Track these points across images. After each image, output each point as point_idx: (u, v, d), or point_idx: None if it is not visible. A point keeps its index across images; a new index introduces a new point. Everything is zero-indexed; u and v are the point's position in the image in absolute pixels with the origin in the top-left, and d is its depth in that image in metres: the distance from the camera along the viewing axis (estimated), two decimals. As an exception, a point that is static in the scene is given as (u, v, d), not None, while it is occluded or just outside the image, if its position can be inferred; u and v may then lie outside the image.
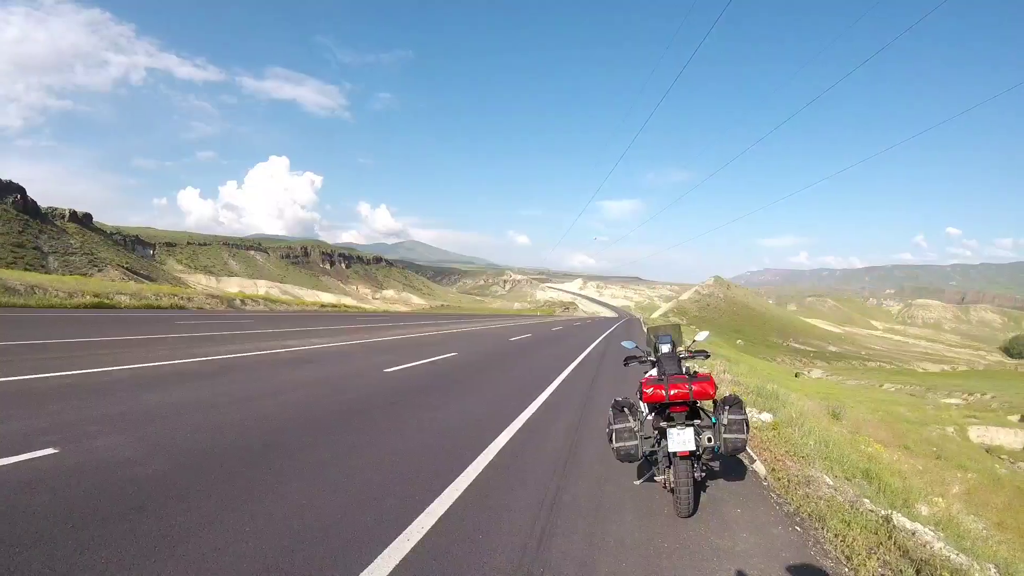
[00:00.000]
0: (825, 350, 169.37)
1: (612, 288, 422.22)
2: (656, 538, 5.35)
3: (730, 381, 18.32)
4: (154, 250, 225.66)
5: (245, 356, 15.01)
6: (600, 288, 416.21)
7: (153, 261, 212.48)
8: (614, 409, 5.99)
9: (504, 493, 6.11)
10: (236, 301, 45.03)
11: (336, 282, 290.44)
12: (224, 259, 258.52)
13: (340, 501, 5.46)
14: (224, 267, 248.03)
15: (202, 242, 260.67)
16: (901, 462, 17.82)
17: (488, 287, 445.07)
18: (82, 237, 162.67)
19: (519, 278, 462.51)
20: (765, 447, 9.37)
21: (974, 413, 46.07)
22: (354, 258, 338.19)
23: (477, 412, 10.26)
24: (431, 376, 14.22)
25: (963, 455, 27.00)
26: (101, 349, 14.16)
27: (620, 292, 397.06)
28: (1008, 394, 61.37)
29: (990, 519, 15.53)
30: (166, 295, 37.76)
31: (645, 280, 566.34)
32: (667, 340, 6.86)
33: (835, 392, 47.18)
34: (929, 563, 5.53)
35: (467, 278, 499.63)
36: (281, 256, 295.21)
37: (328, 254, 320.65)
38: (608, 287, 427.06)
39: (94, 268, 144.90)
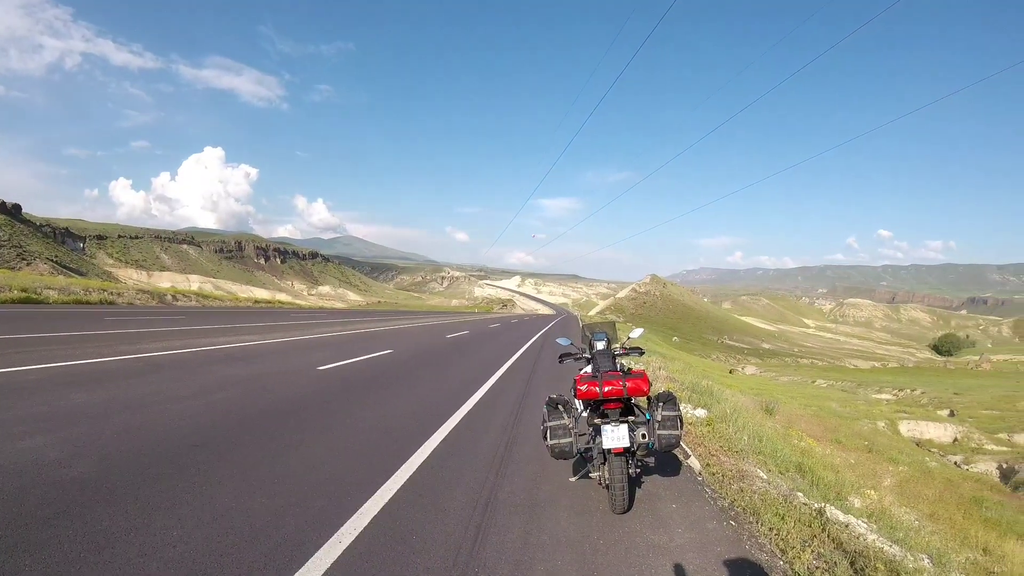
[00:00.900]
0: (759, 347, 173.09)
1: (550, 285, 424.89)
2: (592, 535, 5.38)
3: (665, 378, 18.51)
4: (84, 243, 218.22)
5: (175, 354, 14.54)
6: (538, 285, 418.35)
7: (83, 255, 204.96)
8: (548, 406, 5.99)
9: (439, 492, 6.08)
10: (168, 297, 44.01)
11: (271, 277, 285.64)
12: (156, 253, 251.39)
13: (271, 503, 5.35)
14: (156, 261, 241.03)
15: (134, 235, 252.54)
16: (834, 456, 18.25)
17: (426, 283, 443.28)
18: (11, 229, 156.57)
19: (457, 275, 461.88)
20: (700, 442, 9.47)
21: (904, 408, 47.61)
22: (289, 253, 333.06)
23: (412, 410, 10.21)
24: (366, 374, 14.09)
25: (894, 448, 27.85)
26: (27, 346, 13.57)
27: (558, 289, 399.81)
28: (937, 390, 63.61)
29: (922, 510, 15.99)
30: (96, 290, 36.76)
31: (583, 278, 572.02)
32: (602, 337, 6.91)
33: (769, 388, 48.26)
34: (863, 554, 5.64)
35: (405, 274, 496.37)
36: (215, 250, 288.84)
37: (263, 249, 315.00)
38: (546, 284, 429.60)
39: (23, 262, 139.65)
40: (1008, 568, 11.65)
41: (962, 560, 9.71)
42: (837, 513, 6.92)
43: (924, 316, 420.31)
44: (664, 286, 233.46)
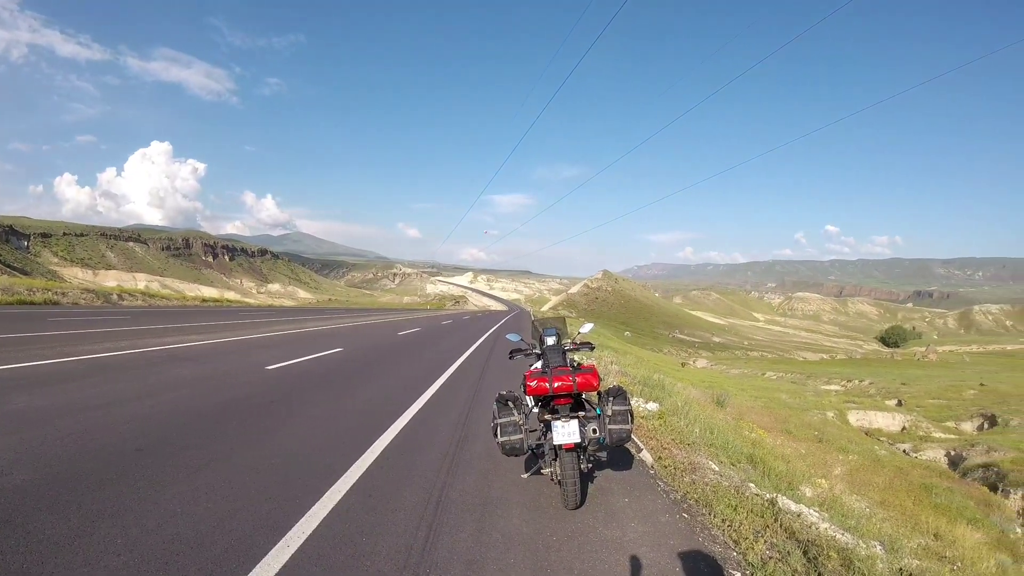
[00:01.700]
0: (710, 341, 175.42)
1: (502, 281, 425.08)
2: (544, 532, 5.37)
3: (617, 372, 18.61)
4: (28, 241, 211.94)
5: (121, 355, 14.14)
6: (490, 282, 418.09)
7: (27, 253, 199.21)
8: (498, 403, 5.94)
9: (389, 492, 6.02)
10: (113, 296, 43.10)
11: (219, 275, 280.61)
12: (102, 251, 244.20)
13: (217, 508, 5.23)
14: (102, 259, 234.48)
15: (79, 233, 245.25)
16: (784, 446, 18.54)
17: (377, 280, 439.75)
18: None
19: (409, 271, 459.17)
20: (652, 436, 9.51)
21: (853, 398, 48.64)
22: (238, 250, 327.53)
23: (362, 409, 10.11)
24: (315, 373, 13.93)
25: (844, 438, 28.43)
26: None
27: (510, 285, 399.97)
28: (884, 380, 65.15)
29: (873, 498, 16.31)
30: (40, 290, 35.87)
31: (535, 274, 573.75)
32: (552, 333, 6.87)
33: (719, 381, 48.87)
34: (816, 543, 5.71)
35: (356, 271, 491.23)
36: (162, 248, 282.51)
37: (211, 246, 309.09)
38: (498, 280, 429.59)
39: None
40: (959, 552, 11.92)
41: (914, 546, 9.90)
42: (789, 503, 6.98)
43: (871, 309, 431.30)
44: (616, 281, 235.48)
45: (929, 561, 7.63)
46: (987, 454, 28.09)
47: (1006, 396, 47.96)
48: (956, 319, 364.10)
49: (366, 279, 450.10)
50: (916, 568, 5.89)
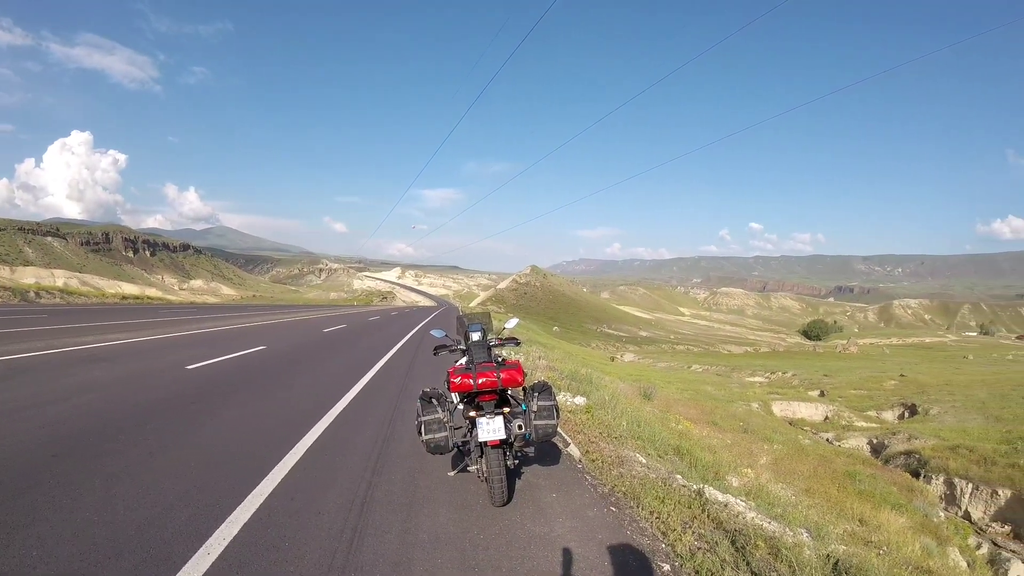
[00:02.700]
0: (637, 335, 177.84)
1: (431, 277, 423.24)
2: (472, 530, 5.36)
3: (545, 367, 18.63)
4: None
5: (37, 355, 13.81)
6: (419, 277, 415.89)
7: None
8: (422, 400, 5.88)
9: (313, 494, 5.95)
10: (31, 294, 42.82)
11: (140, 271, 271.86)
12: (19, 246, 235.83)
13: (135, 515, 5.10)
14: (19, 255, 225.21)
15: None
16: (711, 437, 18.82)
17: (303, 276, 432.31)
18: None
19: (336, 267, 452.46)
20: (579, 430, 9.52)
21: (777, 390, 49.96)
22: (160, 245, 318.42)
23: (285, 409, 9.96)
24: (238, 372, 13.68)
25: (768, 428, 29.05)
26: None
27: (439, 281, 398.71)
28: (807, 372, 67.19)
29: (798, 486, 16.69)
30: (-47, 289, 34.30)
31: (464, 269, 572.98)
32: (477, 328, 6.79)
33: (647, 374, 49.55)
34: (743, 532, 5.75)
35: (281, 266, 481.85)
36: (81, 243, 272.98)
37: (132, 241, 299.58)
38: (427, 276, 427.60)
39: None
40: (885, 537, 12.27)
41: (840, 532, 10.13)
42: (716, 493, 7.06)
43: (794, 304, 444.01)
44: (544, 277, 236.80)
45: (855, 546, 7.79)
46: (908, 442, 29.08)
47: (925, 386, 49.87)
48: (876, 313, 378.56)
49: (291, 275, 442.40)
50: (843, 554, 5.98)
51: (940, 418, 36.42)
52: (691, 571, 4.93)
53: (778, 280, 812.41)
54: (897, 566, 6.80)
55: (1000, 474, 22.73)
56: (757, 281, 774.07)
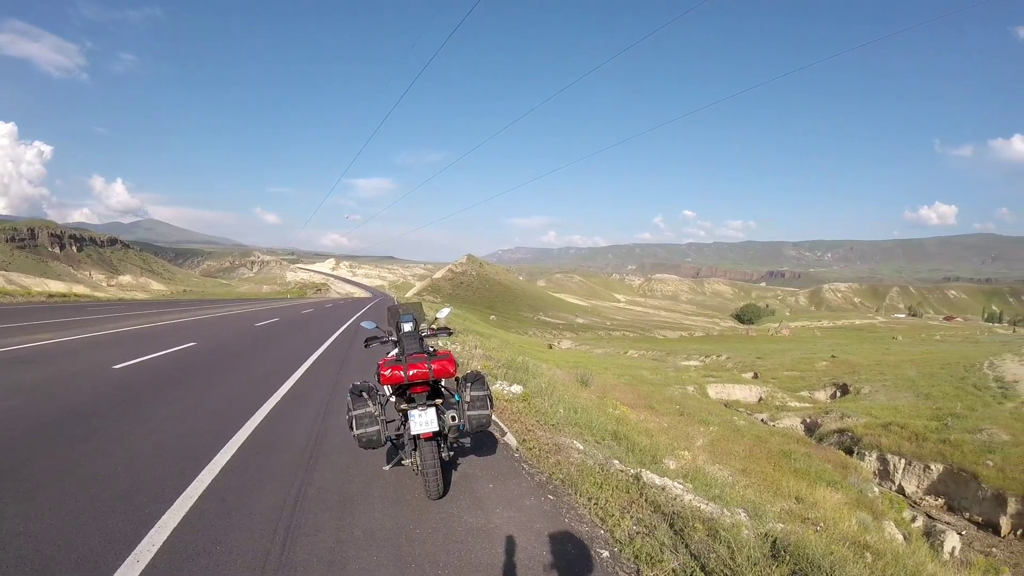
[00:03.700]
0: (574, 322, 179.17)
1: (366, 268, 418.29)
2: (408, 525, 5.31)
3: (482, 356, 18.55)
4: None
5: None
6: (353, 268, 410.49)
7: None
8: (352, 394, 5.74)
9: (244, 494, 5.80)
10: None
11: (67, 268, 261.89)
12: None
13: (62, 525, 4.90)
14: None
15: None
16: (648, 421, 19.00)
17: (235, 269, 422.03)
18: None
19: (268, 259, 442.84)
20: (516, 418, 9.49)
21: (712, 373, 50.89)
22: (87, 240, 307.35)
23: (215, 406, 9.71)
24: (167, 370, 13.27)
25: (704, 410, 29.55)
26: None
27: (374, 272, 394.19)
28: (741, 355, 68.58)
29: (735, 467, 16.95)
30: None
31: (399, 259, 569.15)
32: (409, 319, 6.66)
33: (584, 361, 49.90)
34: (681, 515, 5.79)
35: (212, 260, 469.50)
36: (6, 239, 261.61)
37: (58, 236, 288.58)
38: (362, 267, 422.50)
39: None
40: (822, 513, 12.51)
41: (777, 510, 10.26)
42: (653, 477, 7.10)
43: (727, 289, 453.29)
44: (481, 266, 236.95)
45: (793, 524, 7.88)
46: (841, 420, 29.94)
47: (856, 367, 51.47)
48: (807, 297, 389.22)
49: (223, 268, 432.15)
50: (780, 532, 6.03)
51: (871, 397, 37.57)
52: (630, 556, 4.94)
53: (711, 266, 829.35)
54: (834, 542, 6.88)
55: (932, 449, 23.55)
56: (691, 267, 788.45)
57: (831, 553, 5.46)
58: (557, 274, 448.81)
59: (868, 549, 8.11)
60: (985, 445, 23.12)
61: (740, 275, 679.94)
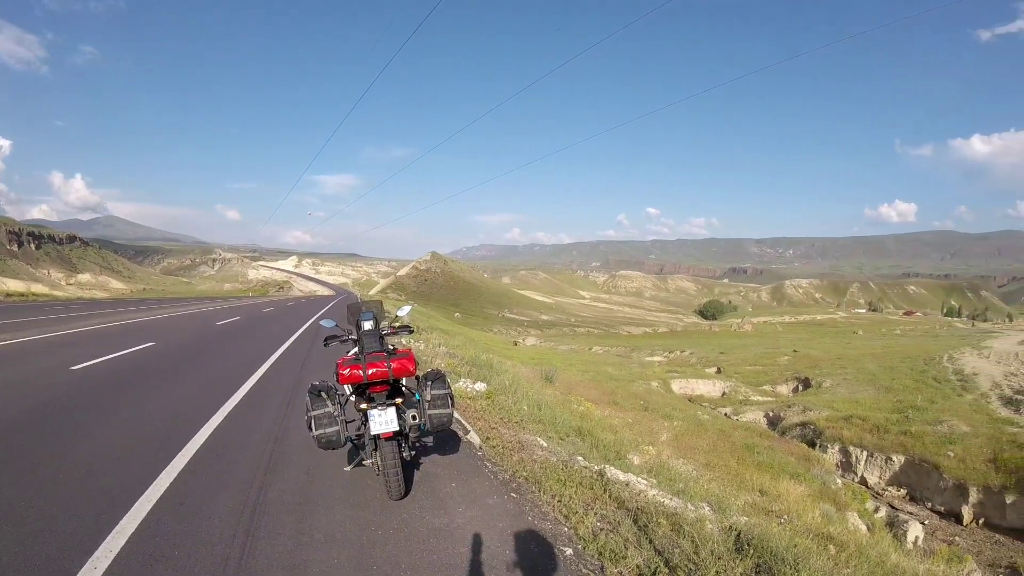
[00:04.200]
0: (538, 319, 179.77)
1: (329, 265, 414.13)
2: (369, 527, 5.25)
3: (446, 354, 18.48)
4: None
5: None
6: (316, 266, 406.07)
7: None
8: (311, 394, 5.66)
9: (204, 498, 5.69)
10: None
11: (25, 266, 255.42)
12: None
13: (17, 530, 4.82)
14: None
15: None
16: (612, 417, 19.02)
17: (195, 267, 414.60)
18: None
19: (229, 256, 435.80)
20: (480, 416, 9.47)
21: (675, 368, 51.25)
22: (45, 237, 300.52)
23: (174, 408, 9.52)
24: (125, 371, 13.06)
25: (668, 406, 29.70)
26: None
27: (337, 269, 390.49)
28: (704, 350, 69.27)
29: (699, 461, 17.05)
30: None
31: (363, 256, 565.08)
32: (369, 317, 6.59)
33: (549, 357, 49.97)
34: (645, 511, 5.79)
35: (172, 257, 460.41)
36: None
37: (16, 233, 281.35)
38: (325, 264, 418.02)
39: None
40: (785, 506, 12.61)
41: (741, 503, 10.30)
42: (617, 473, 7.10)
43: (690, 285, 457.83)
44: (445, 263, 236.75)
45: (757, 517, 7.90)
46: (803, 413, 30.31)
47: (817, 361, 52.25)
48: (769, 293, 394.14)
49: (183, 266, 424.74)
50: (744, 525, 6.06)
51: (833, 390, 38.07)
52: (594, 553, 4.92)
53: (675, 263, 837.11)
54: (798, 534, 6.92)
55: (893, 441, 23.95)
56: (655, 264, 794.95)
57: (795, 546, 5.49)
58: (522, 271, 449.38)
59: (832, 541, 8.17)
60: (946, 436, 23.57)
61: (703, 272, 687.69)
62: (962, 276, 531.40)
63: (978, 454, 21.47)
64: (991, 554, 17.56)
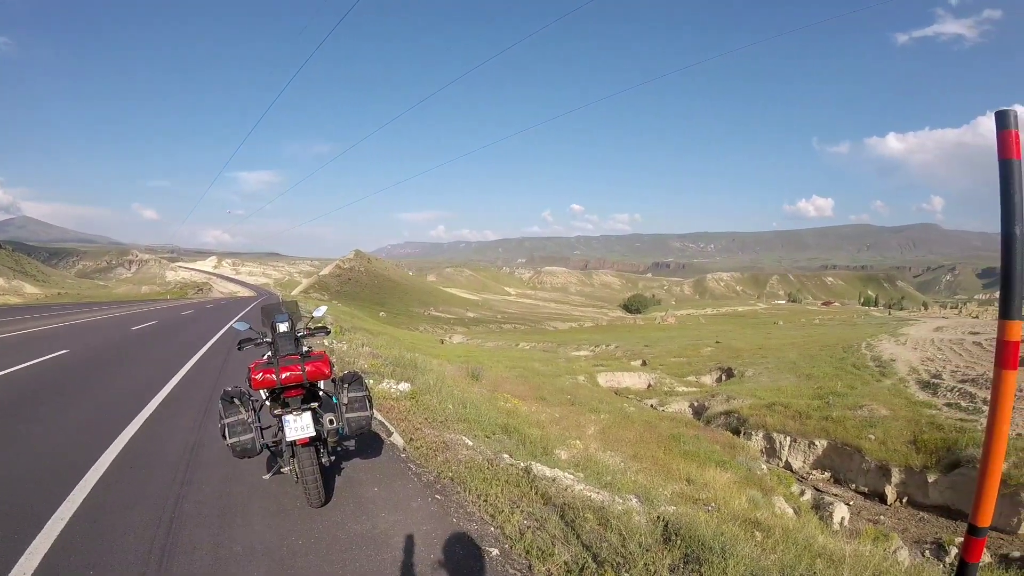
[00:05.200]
0: (465, 316, 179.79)
1: (250, 265, 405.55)
2: (290, 536, 5.16)
3: (369, 354, 18.24)
4: None
5: None
6: (237, 266, 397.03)
7: None
8: (223, 401, 5.46)
9: (118, 513, 5.50)
10: None
11: None
12: None
13: None
14: None
15: None
16: (539, 413, 19.08)
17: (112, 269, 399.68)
18: None
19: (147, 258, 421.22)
20: (403, 417, 9.36)
21: (602, 362, 51.64)
22: None
23: (87, 418, 9.21)
24: (35, 381, 12.62)
25: (595, 399, 29.91)
26: None
27: (258, 269, 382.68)
28: (629, 344, 70.06)
29: (626, 452, 17.21)
30: None
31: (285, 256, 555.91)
32: (284, 319, 6.39)
33: (476, 355, 49.86)
34: (572, 506, 5.79)
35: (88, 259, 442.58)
36: None
37: None
38: (245, 265, 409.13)
39: None
40: (712, 493, 12.80)
41: (669, 493, 10.44)
42: (544, 469, 7.10)
43: (615, 280, 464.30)
44: (369, 261, 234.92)
45: (685, 506, 7.98)
46: (727, 402, 30.93)
47: (739, 351, 53.59)
48: (692, 286, 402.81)
49: (100, 268, 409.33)
50: (672, 515, 6.09)
51: (756, 379, 38.93)
52: (521, 552, 4.90)
53: (599, 258, 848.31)
54: (725, 521, 6.99)
55: (815, 426, 24.64)
56: (580, 260, 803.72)
57: (722, 534, 5.52)
58: (448, 268, 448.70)
59: (758, 526, 8.28)
60: (866, 420, 24.35)
61: (627, 267, 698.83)
62: (878, 267, 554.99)
63: (898, 436, 22.22)
64: (916, 531, 18.18)
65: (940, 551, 16.11)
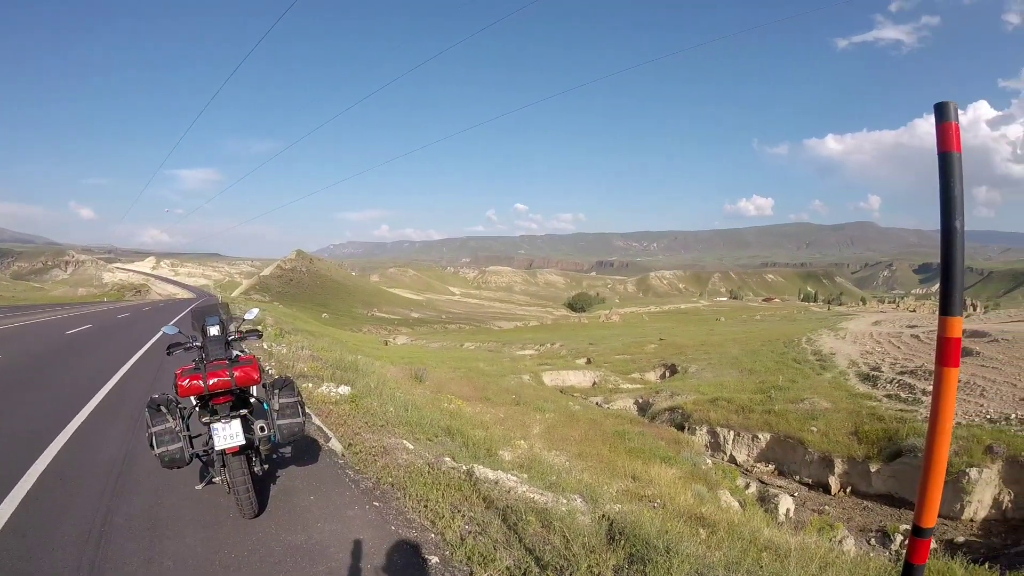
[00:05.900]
0: (409, 317, 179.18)
1: (189, 266, 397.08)
2: (223, 548, 5.02)
3: (309, 357, 17.93)
4: None
5: None
6: (175, 267, 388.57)
7: None
8: (150, 409, 5.28)
9: (46, 528, 5.34)
10: None
11: None
12: None
13: None
14: None
15: None
16: (484, 413, 18.95)
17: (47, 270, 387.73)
18: None
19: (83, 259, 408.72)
20: (343, 422, 9.21)
21: (547, 361, 51.82)
22: None
23: (15, 428, 8.91)
24: None
25: (540, 398, 29.88)
26: None
27: (198, 270, 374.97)
28: (574, 342, 70.46)
29: (571, 451, 17.19)
30: None
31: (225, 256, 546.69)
32: (215, 321, 6.21)
33: (420, 355, 49.65)
34: (514, 509, 5.72)
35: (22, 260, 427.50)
36: None
37: None
38: (184, 265, 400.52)
39: None
40: (657, 490, 12.80)
41: (614, 491, 10.40)
42: (486, 471, 7.02)
43: (559, 279, 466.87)
44: (311, 261, 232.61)
45: (630, 504, 7.97)
46: (671, 398, 31.18)
47: (683, 347, 54.21)
48: (635, 284, 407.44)
49: (35, 269, 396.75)
50: (617, 513, 6.08)
51: (699, 375, 39.43)
52: (462, 558, 4.83)
53: (544, 257, 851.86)
54: (670, 518, 6.99)
55: (758, 420, 24.97)
56: (524, 259, 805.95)
57: (667, 532, 5.51)
58: (391, 268, 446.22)
59: (703, 523, 8.30)
60: (808, 413, 24.78)
61: (572, 266, 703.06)
62: (817, 264, 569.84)
63: (840, 428, 22.67)
64: (861, 520, 18.55)
65: (885, 539, 16.47)
